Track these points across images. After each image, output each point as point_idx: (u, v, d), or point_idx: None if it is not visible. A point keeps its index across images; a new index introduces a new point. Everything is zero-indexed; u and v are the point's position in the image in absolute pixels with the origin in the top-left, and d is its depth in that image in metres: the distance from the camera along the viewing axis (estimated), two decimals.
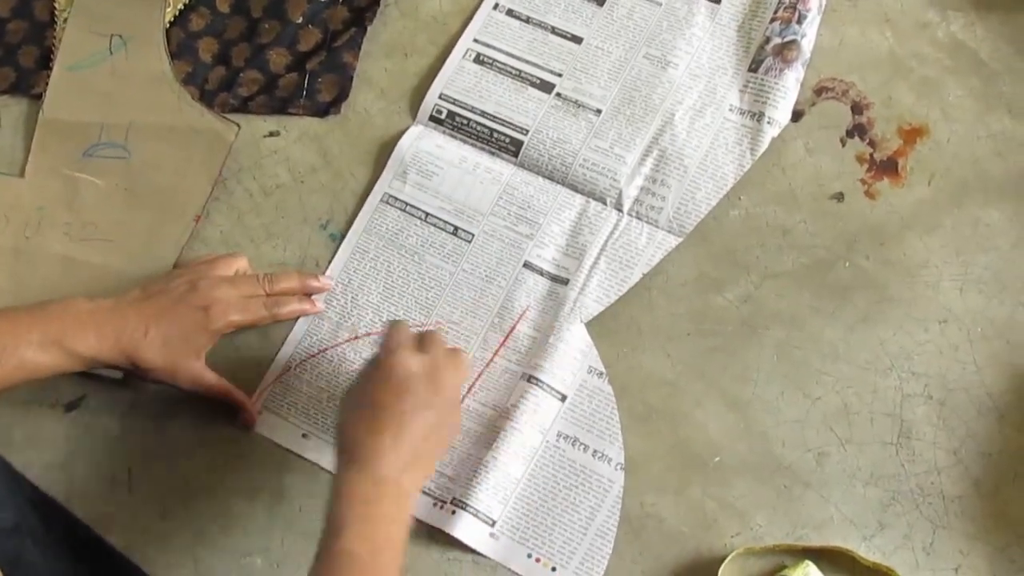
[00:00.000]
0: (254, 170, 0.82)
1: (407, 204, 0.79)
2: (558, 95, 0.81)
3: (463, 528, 0.69)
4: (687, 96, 0.79)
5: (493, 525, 0.70)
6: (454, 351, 0.67)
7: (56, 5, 0.86)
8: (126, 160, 0.81)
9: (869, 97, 0.79)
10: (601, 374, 0.73)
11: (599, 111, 0.80)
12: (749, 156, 0.77)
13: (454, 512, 0.69)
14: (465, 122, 0.81)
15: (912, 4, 0.81)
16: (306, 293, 0.76)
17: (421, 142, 0.80)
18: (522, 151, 0.79)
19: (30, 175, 0.82)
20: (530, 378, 0.72)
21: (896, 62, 0.80)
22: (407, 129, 0.81)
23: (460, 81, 0.82)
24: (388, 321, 0.68)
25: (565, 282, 0.75)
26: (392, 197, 0.79)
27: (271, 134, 0.83)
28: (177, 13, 0.86)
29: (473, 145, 0.80)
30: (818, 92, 0.79)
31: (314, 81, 0.83)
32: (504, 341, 0.75)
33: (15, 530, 0.69)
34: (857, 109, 0.79)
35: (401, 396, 0.62)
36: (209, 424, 0.74)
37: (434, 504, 0.71)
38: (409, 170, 0.79)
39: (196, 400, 0.73)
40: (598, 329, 0.74)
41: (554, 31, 0.83)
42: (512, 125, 0.80)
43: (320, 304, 0.76)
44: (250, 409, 0.73)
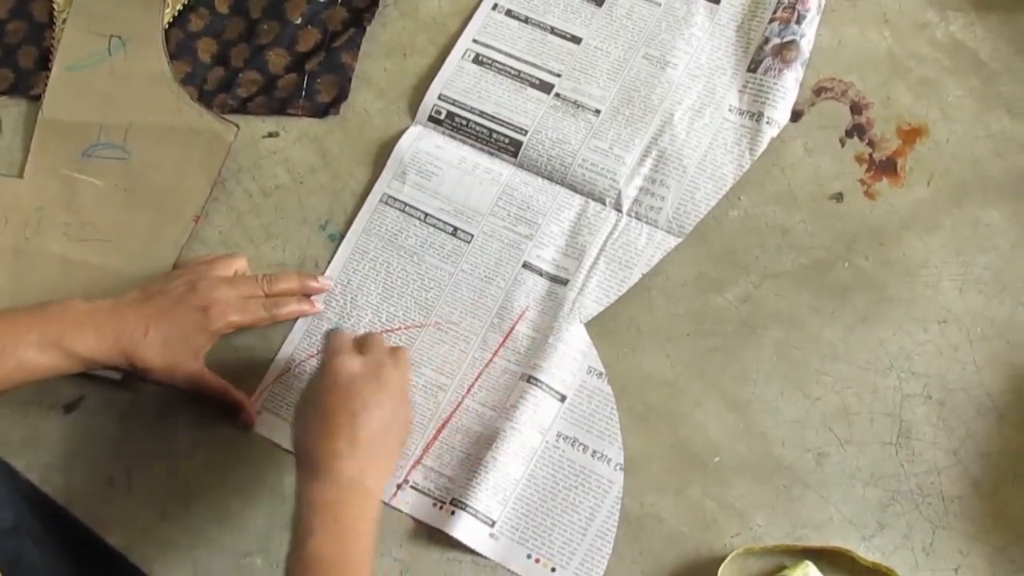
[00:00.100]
0: (253, 171, 0.82)
1: (406, 204, 0.79)
2: (557, 95, 0.81)
3: (463, 528, 0.69)
4: (686, 96, 0.79)
5: (493, 525, 0.70)
6: (395, 349, 0.68)
7: (55, 6, 0.86)
8: (125, 161, 0.81)
9: (868, 97, 0.79)
10: (600, 374, 0.73)
11: (598, 111, 0.80)
12: (748, 156, 0.77)
13: (453, 512, 0.69)
14: (464, 122, 0.81)
15: (911, 4, 0.81)
16: (305, 294, 0.76)
17: (420, 142, 0.80)
18: (521, 151, 0.79)
19: (29, 175, 0.82)
20: (529, 378, 0.72)
21: (895, 62, 0.80)
22: (406, 129, 0.81)
23: (459, 81, 0.82)
24: (325, 331, 0.68)
25: (564, 282, 0.75)
26: (391, 198, 0.79)
27: (270, 135, 0.83)
28: (176, 14, 0.86)
29: (472, 145, 0.80)
30: (817, 92, 0.79)
31: (313, 82, 0.83)
32: (503, 341, 0.75)
33: (15, 530, 0.69)
34: (856, 109, 0.79)
35: (349, 398, 0.63)
36: (208, 425, 0.74)
37: (433, 504, 0.71)
38: (408, 171, 0.79)
39: (195, 401, 0.73)
40: (597, 329, 0.74)
41: (553, 31, 0.83)
42: (511, 125, 0.80)
43: (319, 305, 0.76)
44: (249, 409, 0.73)
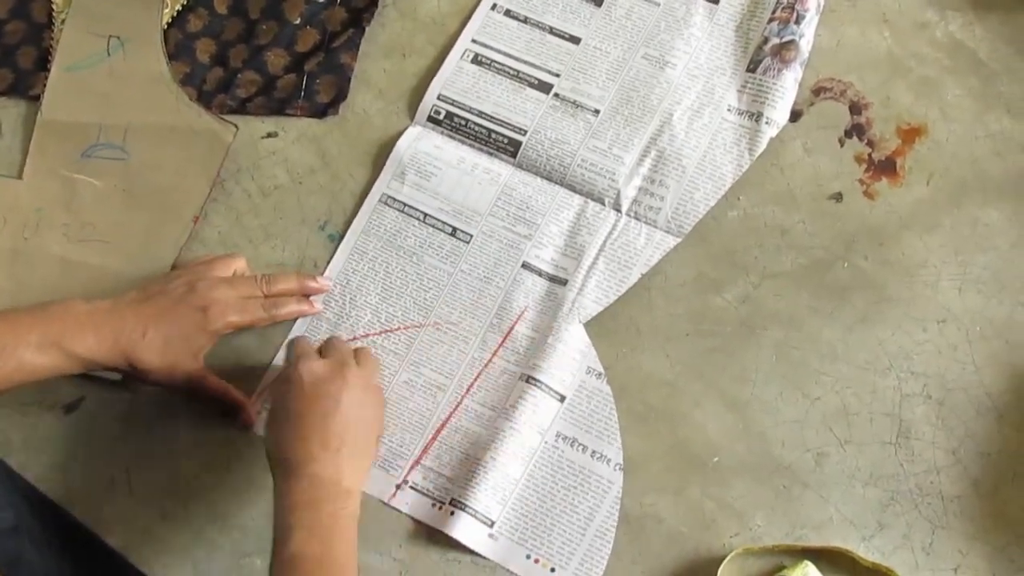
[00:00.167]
0: (252, 171, 0.82)
1: (405, 205, 0.79)
2: (556, 95, 0.81)
3: (462, 529, 0.69)
4: (685, 96, 0.79)
5: (492, 526, 0.70)
6: (359, 348, 0.70)
7: (54, 6, 0.86)
8: (124, 161, 0.81)
9: (867, 97, 0.79)
10: (600, 374, 0.73)
11: (597, 111, 0.80)
12: (747, 156, 0.77)
13: (453, 513, 0.69)
14: (463, 123, 0.81)
15: (910, 4, 0.81)
16: (304, 294, 0.76)
17: (419, 143, 0.80)
18: (520, 151, 0.79)
19: (28, 176, 0.82)
20: (529, 379, 0.72)
21: (895, 62, 0.80)
22: (405, 130, 0.81)
23: (458, 82, 0.82)
24: (287, 341, 0.69)
25: (563, 282, 0.75)
26: (390, 198, 0.79)
27: (269, 135, 0.83)
28: (175, 14, 0.86)
29: (471, 146, 0.80)
30: (816, 92, 0.79)
31: (312, 82, 0.83)
32: (502, 342, 0.75)
33: (15, 531, 0.70)
34: (855, 109, 0.79)
35: (315, 400, 0.64)
36: (208, 425, 0.74)
37: (433, 505, 0.71)
38: (407, 171, 0.79)
39: (195, 401, 0.73)
40: (597, 329, 0.74)
41: (552, 31, 0.83)
42: (510, 125, 0.80)
43: (318, 305, 0.76)
44: (249, 410, 0.73)
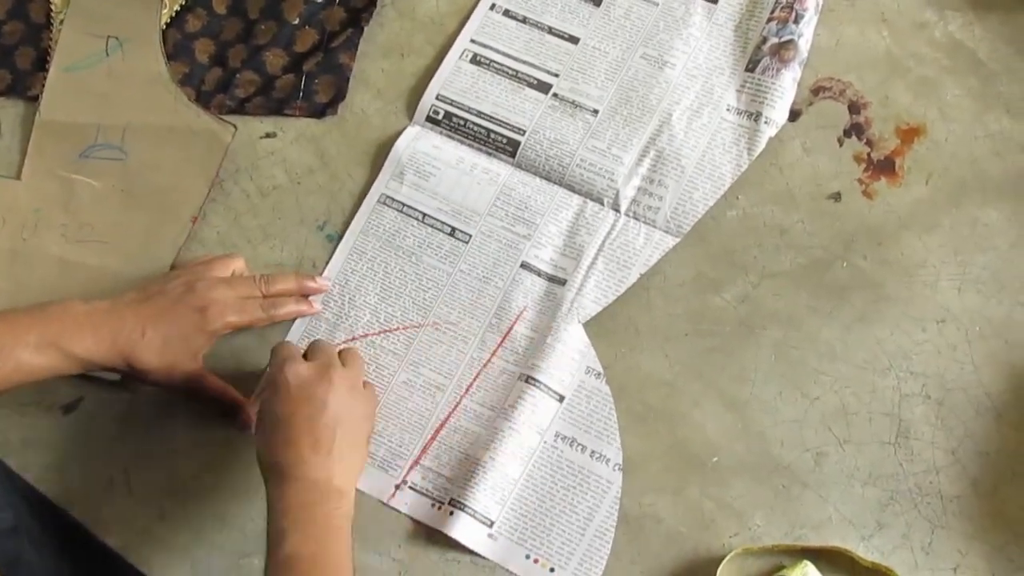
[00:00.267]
0: (251, 171, 0.82)
1: (404, 205, 0.79)
2: (555, 95, 0.81)
3: (461, 529, 0.69)
4: (684, 96, 0.79)
5: (491, 526, 0.70)
6: (345, 349, 0.69)
7: (52, 6, 0.86)
8: (123, 161, 0.81)
9: (866, 97, 0.79)
10: (599, 374, 0.73)
11: (596, 111, 0.80)
12: (746, 156, 0.77)
13: (452, 513, 0.69)
14: (462, 123, 0.81)
15: (909, 4, 0.81)
16: (303, 294, 0.76)
17: (418, 143, 0.80)
18: (519, 151, 0.79)
19: (26, 177, 0.82)
20: (528, 379, 0.72)
21: (893, 62, 0.80)
22: (404, 130, 0.81)
23: (457, 82, 0.82)
24: (272, 347, 0.69)
25: (562, 282, 0.75)
26: (389, 198, 0.79)
27: (268, 135, 0.83)
28: (173, 14, 0.86)
29: (470, 146, 0.80)
30: (815, 92, 0.79)
31: (311, 82, 0.83)
32: (501, 342, 0.75)
33: (14, 531, 0.69)
34: (854, 109, 0.79)
35: (303, 404, 0.64)
36: (206, 425, 0.74)
37: (432, 505, 0.71)
38: (406, 171, 0.79)
39: (193, 402, 0.73)
40: (596, 329, 0.74)
41: (551, 31, 0.83)
42: (509, 125, 0.80)
43: (317, 305, 0.76)
44: (247, 410, 0.73)
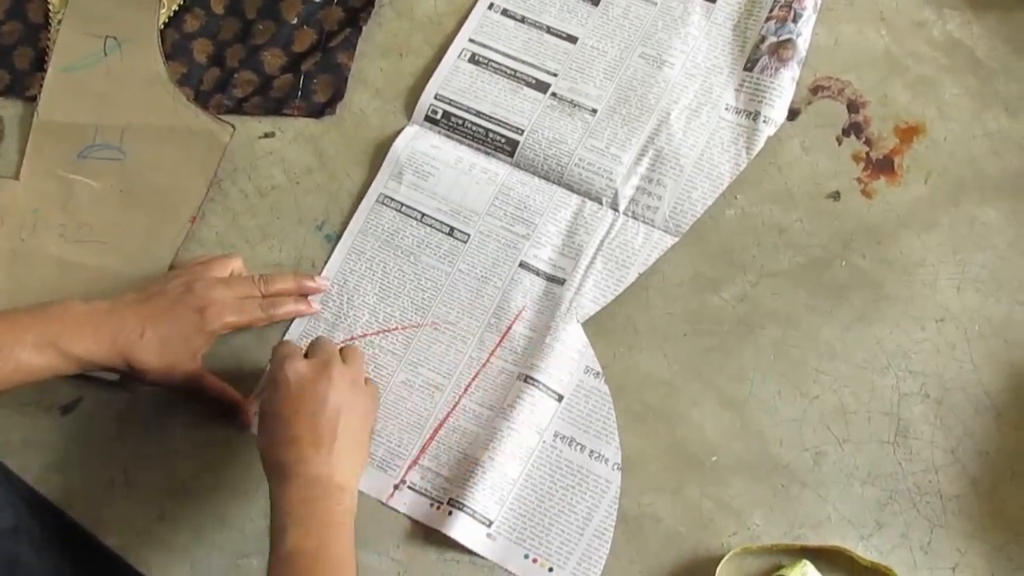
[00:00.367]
0: (249, 171, 0.81)
1: (403, 205, 0.79)
2: (553, 95, 0.81)
3: (460, 529, 0.69)
4: (683, 95, 0.79)
5: (490, 526, 0.70)
6: (345, 346, 0.70)
7: (50, 7, 0.86)
8: (121, 161, 0.81)
9: (865, 96, 0.79)
10: (598, 374, 0.73)
11: (595, 111, 0.80)
12: (745, 155, 0.77)
13: (451, 513, 0.69)
14: (461, 122, 0.81)
15: (908, 3, 0.81)
16: (302, 294, 0.76)
17: (417, 142, 0.80)
18: (518, 151, 0.79)
19: (25, 177, 0.82)
20: (527, 378, 0.72)
21: (892, 60, 0.80)
22: (402, 129, 0.81)
23: (455, 81, 0.82)
24: (273, 348, 0.69)
25: (561, 282, 0.75)
26: (388, 198, 0.79)
27: (266, 135, 0.83)
28: (171, 14, 0.86)
29: (469, 145, 0.80)
30: (814, 91, 0.79)
31: (309, 82, 0.83)
32: (500, 341, 0.74)
33: (13, 531, 0.69)
34: (853, 108, 0.79)
35: (303, 402, 0.64)
36: (205, 425, 0.74)
37: (431, 505, 0.71)
38: (405, 171, 0.79)
39: (192, 402, 0.73)
40: (594, 329, 0.74)
41: (549, 31, 0.83)
42: (508, 125, 0.80)
43: (316, 305, 0.76)
44: (246, 410, 0.73)
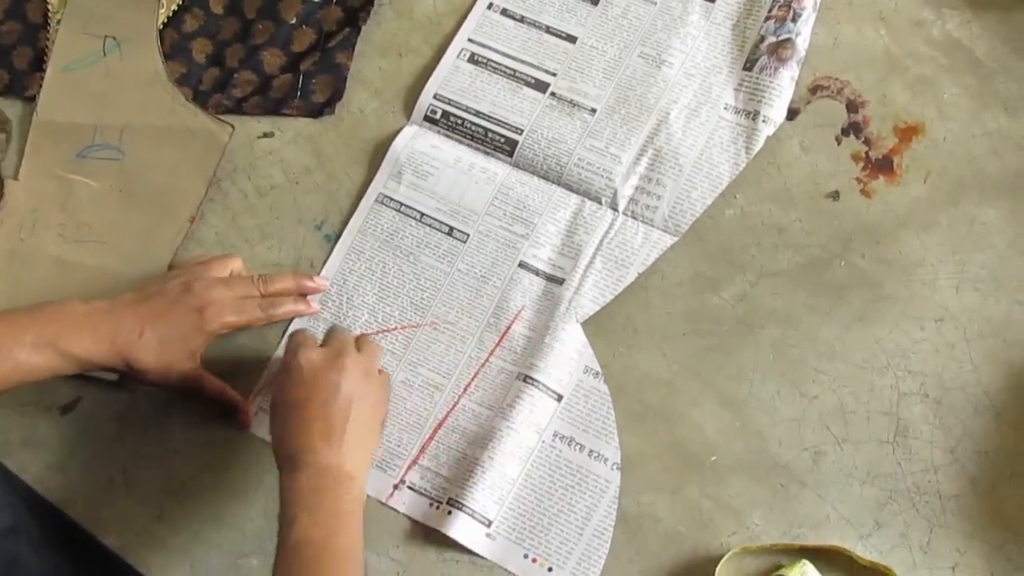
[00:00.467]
0: (248, 171, 0.81)
1: (402, 204, 0.79)
2: (553, 95, 0.81)
3: (459, 528, 0.69)
4: (682, 95, 0.79)
5: (489, 525, 0.69)
6: (360, 336, 0.70)
7: (49, 6, 0.86)
8: (120, 161, 0.81)
9: (864, 95, 0.79)
10: (597, 374, 0.73)
11: (594, 110, 0.80)
12: (744, 155, 0.77)
13: (450, 512, 0.69)
14: (460, 122, 0.81)
15: (907, 2, 0.81)
16: (301, 294, 0.76)
17: (416, 142, 0.80)
18: (517, 151, 0.79)
19: (24, 177, 0.82)
20: (526, 378, 0.72)
21: (891, 60, 0.80)
22: (402, 129, 0.81)
23: (455, 81, 0.82)
24: (288, 334, 0.69)
25: (560, 282, 0.75)
26: (387, 197, 0.79)
27: (265, 135, 0.83)
28: (171, 14, 0.86)
29: (468, 145, 0.80)
30: (813, 90, 0.79)
31: (308, 82, 0.83)
32: (500, 341, 0.74)
33: (12, 531, 0.70)
34: (852, 107, 0.78)
35: (315, 390, 0.64)
36: (205, 425, 0.74)
37: (430, 504, 0.71)
38: (404, 170, 0.79)
39: (191, 401, 0.73)
40: (594, 329, 0.74)
41: (548, 30, 0.83)
42: (507, 125, 0.80)
43: (315, 305, 0.76)
44: (246, 410, 0.73)
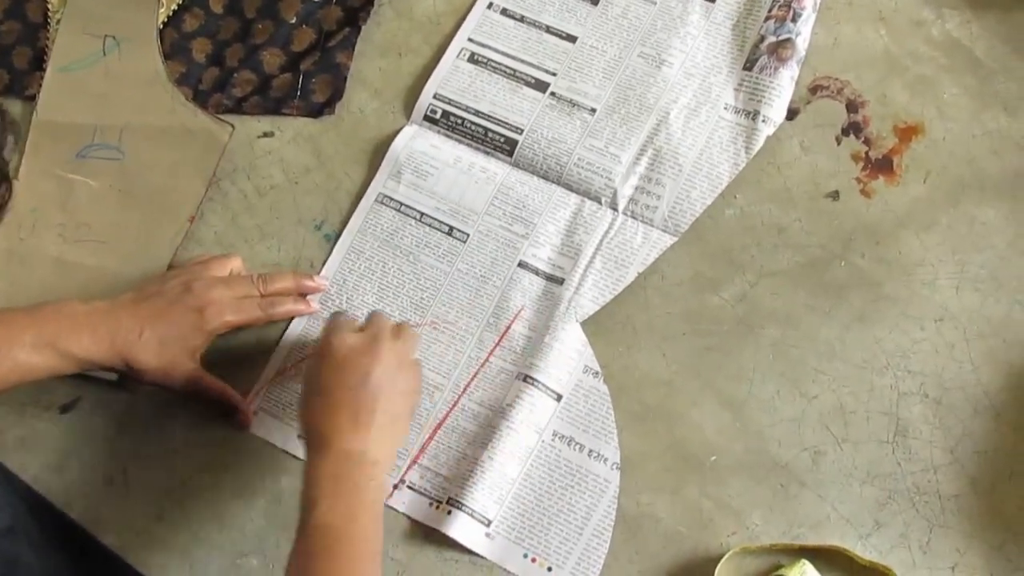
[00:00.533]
0: (248, 171, 0.81)
1: (402, 204, 0.79)
2: (553, 94, 0.81)
3: (459, 528, 0.69)
4: (682, 95, 0.79)
5: (489, 525, 0.69)
6: (398, 324, 0.69)
7: (49, 6, 0.86)
8: (120, 161, 0.81)
9: (864, 95, 0.79)
10: (597, 373, 0.73)
11: (594, 110, 0.80)
12: (744, 155, 0.77)
13: (450, 512, 0.69)
14: (460, 122, 0.81)
15: (907, 2, 0.81)
16: (301, 293, 0.76)
17: (416, 142, 0.80)
18: (517, 150, 0.79)
19: (24, 177, 0.82)
20: (526, 378, 0.72)
21: (891, 60, 0.80)
22: (401, 129, 0.81)
23: (454, 81, 0.82)
24: (330, 315, 0.69)
25: (560, 281, 0.75)
26: (387, 197, 0.79)
27: (265, 135, 0.82)
28: (170, 14, 0.86)
29: (468, 145, 0.80)
30: (813, 90, 0.79)
31: (308, 81, 0.83)
32: (499, 341, 0.74)
33: (11, 531, 0.69)
34: (852, 107, 0.78)
35: (347, 374, 0.64)
36: (204, 425, 0.74)
37: (430, 504, 0.71)
38: (404, 170, 0.79)
39: (191, 401, 0.73)
40: (593, 328, 0.74)
41: (548, 30, 0.83)
42: (507, 124, 0.80)
43: (315, 304, 0.76)
44: (245, 410, 0.73)
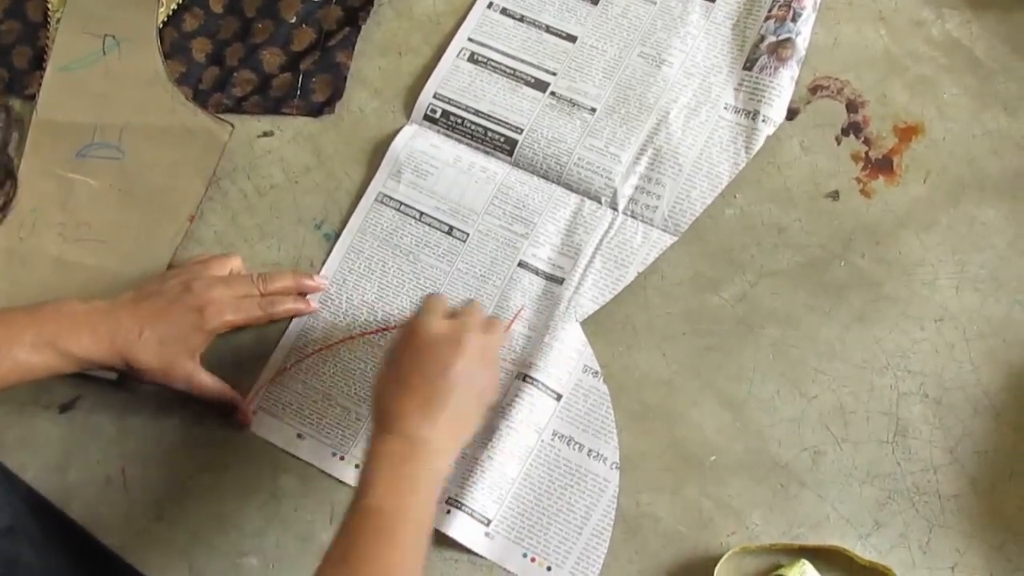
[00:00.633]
0: (248, 170, 0.81)
1: (402, 203, 0.79)
2: (552, 94, 0.81)
3: (458, 528, 0.69)
4: (682, 95, 0.79)
5: (488, 524, 0.69)
6: (489, 317, 0.70)
7: (49, 6, 0.86)
8: (120, 160, 0.81)
9: (864, 95, 0.79)
10: (596, 373, 0.73)
11: (594, 110, 0.80)
12: (744, 154, 0.77)
13: (449, 511, 0.69)
14: (459, 121, 0.81)
15: (907, 2, 0.81)
16: (301, 292, 0.76)
17: (415, 141, 0.80)
18: (517, 150, 0.79)
19: (24, 176, 0.81)
20: (525, 377, 0.72)
21: (891, 60, 0.80)
22: (401, 128, 0.81)
23: (454, 80, 0.82)
24: (425, 295, 0.69)
25: (560, 281, 0.75)
26: (387, 197, 0.79)
27: (265, 134, 0.83)
28: (170, 13, 0.86)
29: (468, 144, 0.80)
30: (813, 90, 0.79)
31: (308, 81, 0.83)
32: None
33: (11, 531, 0.69)
34: (852, 107, 0.78)
35: (427, 360, 0.64)
36: (204, 425, 0.74)
37: None
38: (404, 169, 0.79)
39: (191, 401, 0.73)
40: (593, 328, 0.74)
41: (548, 30, 0.83)
42: (507, 124, 0.80)
43: (315, 304, 0.76)
44: (245, 410, 0.73)
